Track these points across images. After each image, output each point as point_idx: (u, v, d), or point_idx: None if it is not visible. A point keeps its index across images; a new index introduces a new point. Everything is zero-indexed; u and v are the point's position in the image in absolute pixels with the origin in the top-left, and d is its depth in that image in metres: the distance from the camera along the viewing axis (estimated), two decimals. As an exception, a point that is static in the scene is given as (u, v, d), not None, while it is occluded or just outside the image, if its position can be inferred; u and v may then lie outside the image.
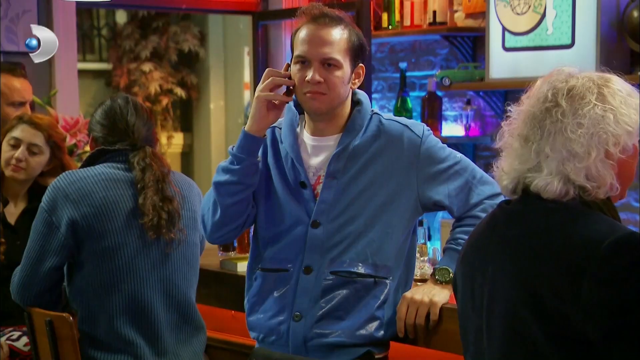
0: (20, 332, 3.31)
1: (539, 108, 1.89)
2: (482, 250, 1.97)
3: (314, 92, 2.59)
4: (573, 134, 1.84)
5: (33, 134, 3.43)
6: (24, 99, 3.95)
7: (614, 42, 4.53)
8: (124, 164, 2.98)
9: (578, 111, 1.85)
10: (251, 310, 2.73)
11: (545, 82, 1.92)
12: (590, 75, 1.91)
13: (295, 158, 2.66)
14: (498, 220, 1.96)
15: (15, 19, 5.03)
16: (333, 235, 2.63)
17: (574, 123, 1.84)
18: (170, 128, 8.12)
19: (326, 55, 2.58)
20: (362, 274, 2.61)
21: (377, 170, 2.64)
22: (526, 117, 1.91)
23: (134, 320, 2.93)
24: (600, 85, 1.88)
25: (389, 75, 5.65)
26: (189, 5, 5.92)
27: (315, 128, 2.68)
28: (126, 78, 7.84)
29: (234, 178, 2.62)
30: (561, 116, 1.85)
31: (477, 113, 5.19)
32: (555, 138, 1.85)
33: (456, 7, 5.27)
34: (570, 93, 1.87)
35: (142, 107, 3.09)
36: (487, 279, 1.93)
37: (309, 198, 2.65)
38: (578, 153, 1.83)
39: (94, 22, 8.28)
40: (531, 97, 1.93)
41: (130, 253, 2.92)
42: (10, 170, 3.43)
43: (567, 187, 1.85)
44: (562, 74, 1.92)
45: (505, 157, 1.95)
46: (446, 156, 2.68)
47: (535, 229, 1.86)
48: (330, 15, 2.62)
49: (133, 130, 3.01)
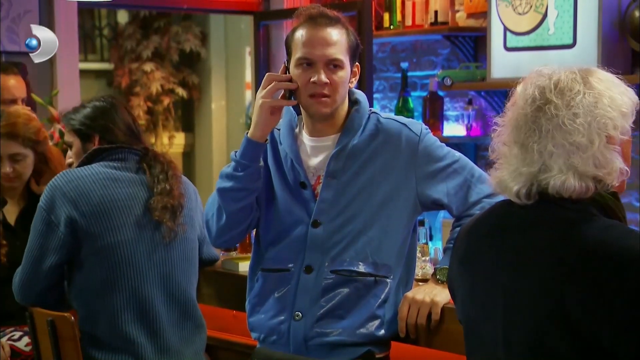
0: (22, 332, 3.31)
1: (529, 109, 1.88)
2: (490, 256, 1.94)
3: (320, 94, 2.58)
4: (571, 126, 1.83)
5: (9, 145, 3.37)
6: (14, 97, 3.95)
7: (615, 42, 4.53)
8: (122, 162, 3.00)
9: (570, 102, 1.84)
10: (252, 311, 2.73)
11: (527, 85, 1.91)
12: (570, 67, 1.90)
13: (294, 159, 2.66)
14: (509, 224, 1.93)
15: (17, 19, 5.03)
16: (333, 234, 2.63)
17: (569, 114, 1.83)
18: (171, 128, 8.12)
19: (331, 56, 2.58)
20: (362, 273, 2.61)
21: (375, 169, 2.64)
22: (517, 123, 1.89)
23: (136, 317, 2.93)
24: (583, 74, 1.88)
25: (390, 75, 5.65)
26: (191, 5, 5.92)
27: (314, 128, 2.68)
28: (128, 78, 7.84)
29: (238, 184, 2.63)
30: (555, 110, 1.84)
31: (479, 113, 5.19)
32: (555, 134, 1.84)
33: (458, 7, 5.27)
34: (557, 87, 1.86)
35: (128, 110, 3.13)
36: (500, 287, 1.90)
37: (309, 198, 2.65)
38: (581, 143, 1.82)
39: (95, 22, 8.28)
40: (516, 103, 1.91)
41: (129, 250, 2.93)
42: (5, 183, 3.42)
43: (585, 183, 1.83)
44: (541, 74, 1.91)
45: (504, 166, 1.92)
46: (444, 154, 2.68)
47: (559, 240, 1.83)
48: (329, 16, 2.61)
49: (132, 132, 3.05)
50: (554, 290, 1.80)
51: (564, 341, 1.79)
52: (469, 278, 2.00)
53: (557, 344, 1.80)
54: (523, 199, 1.89)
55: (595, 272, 1.77)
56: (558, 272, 1.80)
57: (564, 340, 1.79)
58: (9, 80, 4.00)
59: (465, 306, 2.03)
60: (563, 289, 1.79)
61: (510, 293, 1.88)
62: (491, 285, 1.92)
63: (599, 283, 1.76)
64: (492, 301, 1.91)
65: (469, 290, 2.00)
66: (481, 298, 1.95)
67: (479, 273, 1.96)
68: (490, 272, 1.93)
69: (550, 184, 1.85)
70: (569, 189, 1.83)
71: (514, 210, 1.92)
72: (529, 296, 1.84)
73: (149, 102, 7.86)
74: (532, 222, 1.89)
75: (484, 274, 1.95)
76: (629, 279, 1.74)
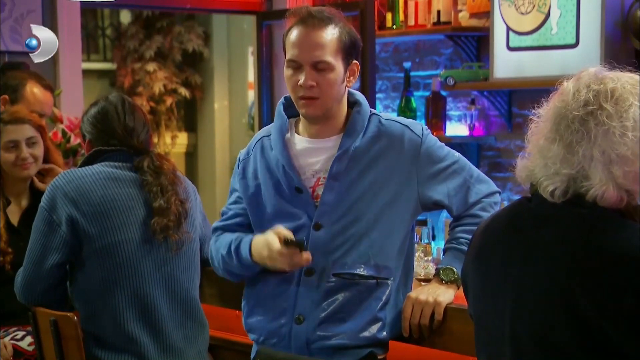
0: (25, 332, 3.31)
1: (580, 111, 1.85)
2: (503, 251, 1.95)
3: (307, 97, 2.58)
4: (621, 137, 1.81)
5: (24, 128, 3.44)
6: (43, 112, 3.95)
7: (618, 42, 4.52)
8: (123, 163, 2.99)
9: (623, 114, 1.83)
10: (250, 312, 2.72)
11: (581, 84, 1.89)
12: (622, 75, 1.88)
13: (286, 165, 2.64)
14: (524, 222, 1.93)
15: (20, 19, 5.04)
16: (336, 237, 2.61)
17: (620, 125, 1.82)
18: (174, 128, 8.12)
19: (317, 58, 2.56)
20: (364, 276, 2.60)
21: (378, 171, 2.63)
22: (562, 119, 1.87)
23: (138, 316, 2.93)
24: (635, 86, 1.86)
25: (393, 75, 5.65)
26: (193, 5, 5.92)
27: (312, 130, 2.67)
28: (130, 78, 7.84)
29: (242, 271, 2.74)
30: (607, 119, 1.83)
31: (482, 113, 5.19)
32: (602, 142, 1.82)
33: (460, 7, 5.26)
34: (614, 96, 1.84)
35: (138, 108, 3.10)
36: (509, 283, 1.90)
37: (307, 201, 2.64)
38: (627, 156, 1.81)
39: (98, 22, 8.28)
40: (564, 100, 1.89)
41: (131, 250, 2.93)
42: (21, 170, 3.44)
43: (621, 194, 1.83)
44: (594, 76, 1.89)
45: (538, 160, 1.91)
46: (445, 155, 2.68)
47: (572, 238, 1.83)
48: (318, 16, 2.58)
49: (132, 135, 3.02)
50: (563, 285, 1.81)
51: (572, 337, 1.79)
52: (481, 273, 2.01)
53: (564, 340, 1.80)
54: (556, 198, 1.88)
55: (605, 269, 1.77)
56: (569, 268, 1.81)
57: (572, 336, 1.79)
58: (46, 94, 4.02)
59: (476, 301, 2.04)
60: (573, 284, 1.79)
61: (520, 287, 1.89)
62: (502, 279, 1.93)
63: (609, 280, 1.76)
64: (502, 295, 1.92)
65: (481, 285, 2.00)
66: (492, 292, 1.96)
67: (492, 268, 1.97)
68: (502, 266, 1.94)
69: (590, 192, 1.84)
70: (608, 199, 1.83)
71: (530, 207, 1.93)
72: (539, 291, 1.85)
73: (152, 102, 7.86)
74: (547, 218, 1.89)
75: (496, 268, 1.96)
76: (639, 276, 1.74)
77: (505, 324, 1.91)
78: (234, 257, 2.70)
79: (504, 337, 1.91)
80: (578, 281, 1.79)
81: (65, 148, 4.18)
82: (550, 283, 1.83)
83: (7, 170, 3.45)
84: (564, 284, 1.81)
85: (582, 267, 1.79)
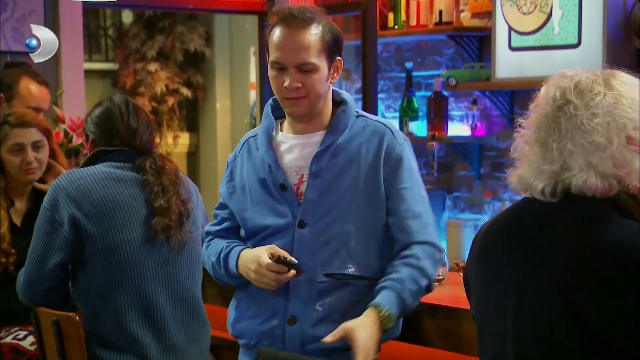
0: (26, 332, 3.31)
1: (550, 109, 1.90)
2: (507, 251, 1.95)
3: (293, 98, 2.58)
4: (589, 125, 1.84)
5: (30, 132, 3.44)
6: (40, 107, 3.95)
7: (620, 42, 4.52)
8: (125, 163, 3.00)
9: (590, 103, 1.86)
10: (239, 317, 2.73)
11: (549, 86, 1.93)
12: (593, 70, 1.92)
13: (272, 163, 2.65)
14: (527, 222, 1.94)
15: (22, 19, 5.04)
16: (320, 235, 2.61)
17: (588, 114, 1.85)
18: (176, 128, 8.12)
19: (301, 60, 2.56)
20: (356, 276, 2.60)
21: (360, 168, 2.62)
22: (539, 122, 1.91)
23: (140, 316, 2.94)
24: (605, 77, 1.89)
25: (394, 75, 5.65)
26: (195, 5, 5.92)
27: (297, 127, 2.68)
28: (132, 78, 7.84)
29: (229, 280, 2.76)
30: (574, 110, 1.86)
31: (483, 113, 5.19)
32: (574, 133, 1.85)
33: (462, 7, 5.26)
34: (577, 87, 1.88)
35: (142, 110, 3.10)
36: (513, 282, 1.91)
37: (291, 199, 2.63)
38: (600, 143, 1.83)
39: (100, 22, 8.28)
40: (539, 104, 1.93)
41: (133, 250, 2.93)
42: (26, 174, 3.44)
43: (608, 181, 1.84)
44: (564, 75, 1.93)
45: (524, 164, 1.94)
46: (410, 176, 2.64)
47: (573, 238, 1.84)
48: (300, 17, 2.57)
49: (135, 136, 3.03)
50: (565, 286, 1.81)
51: (573, 337, 1.80)
52: (483, 274, 2.01)
53: (566, 340, 1.80)
54: (548, 197, 1.90)
55: (608, 269, 1.77)
56: (571, 268, 1.81)
57: (573, 336, 1.80)
58: (38, 89, 4.02)
59: (479, 302, 2.04)
60: (575, 285, 1.80)
61: (522, 287, 1.89)
62: (505, 280, 1.93)
63: (612, 281, 1.76)
64: (505, 296, 1.93)
65: (483, 286, 2.01)
66: (494, 293, 1.96)
67: (494, 269, 1.98)
68: (504, 267, 1.94)
69: (572, 183, 1.86)
70: (591, 187, 1.84)
71: (532, 207, 1.94)
72: (541, 291, 1.85)
73: (154, 102, 7.86)
74: (548, 218, 1.90)
75: (499, 269, 1.96)
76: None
77: (507, 324, 1.91)
78: (222, 265, 2.72)
79: (506, 338, 1.91)
80: (579, 281, 1.79)
81: (67, 148, 4.18)
82: (552, 283, 1.83)
83: (12, 173, 3.45)
84: (565, 284, 1.81)
85: (583, 267, 1.80)
